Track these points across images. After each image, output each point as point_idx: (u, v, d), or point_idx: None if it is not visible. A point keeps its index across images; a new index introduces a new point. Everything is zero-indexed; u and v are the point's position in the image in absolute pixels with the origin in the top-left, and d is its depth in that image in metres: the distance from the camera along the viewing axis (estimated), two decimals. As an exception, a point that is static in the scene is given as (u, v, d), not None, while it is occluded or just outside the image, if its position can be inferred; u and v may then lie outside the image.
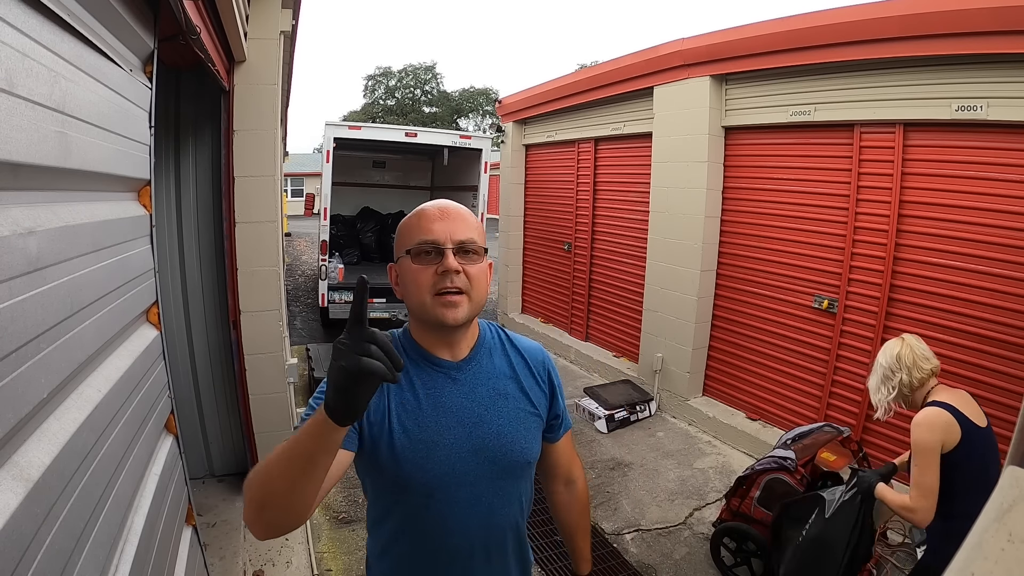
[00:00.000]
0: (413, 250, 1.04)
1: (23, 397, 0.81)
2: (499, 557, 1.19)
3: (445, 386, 1.09)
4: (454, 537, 1.11)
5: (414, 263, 1.04)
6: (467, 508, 1.10)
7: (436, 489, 1.07)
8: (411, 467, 1.05)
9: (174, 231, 3.10)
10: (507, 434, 1.11)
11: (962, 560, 0.36)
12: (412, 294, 1.05)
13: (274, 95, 2.95)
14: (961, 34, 3.06)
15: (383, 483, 1.10)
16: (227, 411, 3.36)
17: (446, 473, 1.07)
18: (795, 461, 2.78)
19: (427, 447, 1.05)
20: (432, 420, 1.07)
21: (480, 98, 39.32)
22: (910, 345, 2.01)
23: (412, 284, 1.04)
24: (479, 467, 1.09)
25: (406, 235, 1.07)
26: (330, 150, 6.84)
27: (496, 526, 1.15)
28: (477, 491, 1.10)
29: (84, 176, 1.14)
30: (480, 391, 1.12)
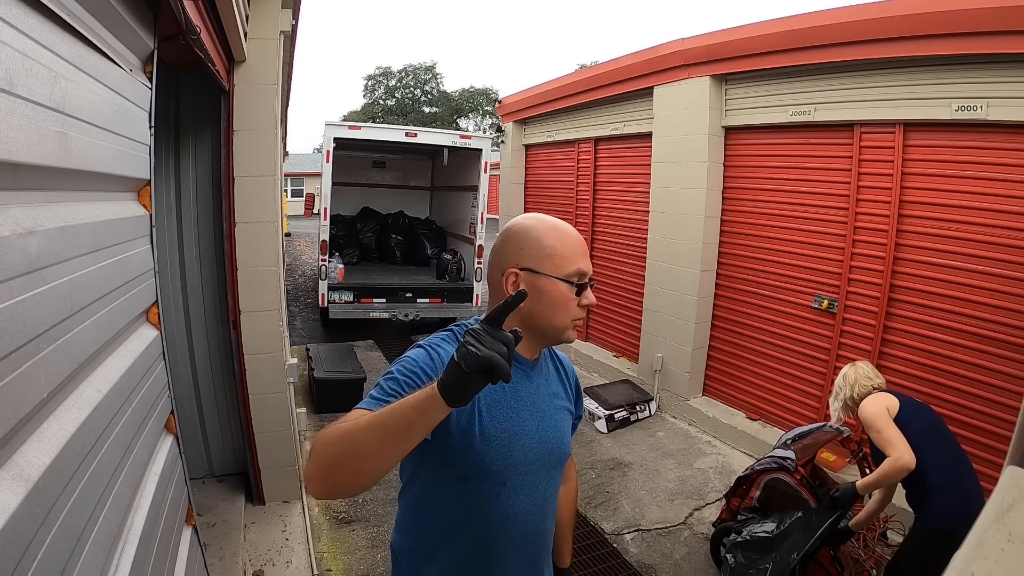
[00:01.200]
0: (571, 277, 1.11)
1: (23, 397, 0.81)
2: (544, 545, 1.27)
3: (523, 381, 1.17)
4: (515, 524, 1.17)
5: (565, 290, 1.11)
6: (529, 496, 1.17)
7: (511, 476, 1.13)
8: (495, 453, 1.10)
9: (174, 231, 3.10)
10: (560, 428, 1.23)
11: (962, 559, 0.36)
12: (553, 315, 1.12)
13: (274, 95, 2.95)
14: (961, 34, 3.06)
15: (456, 469, 1.11)
16: (227, 411, 3.36)
17: (521, 461, 1.14)
18: (795, 461, 2.78)
19: (510, 436, 1.12)
20: (513, 411, 1.14)
21: (480, 98, 39.31)
22: (859, 367, 2.47)
23: (559, 307, 1.12)
24: (542, 457, 1.18)
25: (559, 258, 1.11)
26: (330, 150, 6.84)
27: (547, 513, 1.24)
28: (537, 479, 1.18)
29: (84, 176, 1.14)
30: (543, 389, 1.22)
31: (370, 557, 3.04)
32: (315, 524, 3.28)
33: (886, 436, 2.17)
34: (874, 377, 2.41)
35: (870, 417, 2.25)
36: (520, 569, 1.22)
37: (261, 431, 3.11)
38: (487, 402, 1.11)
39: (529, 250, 1.12)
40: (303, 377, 5.44)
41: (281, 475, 3.24)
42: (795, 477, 2.75)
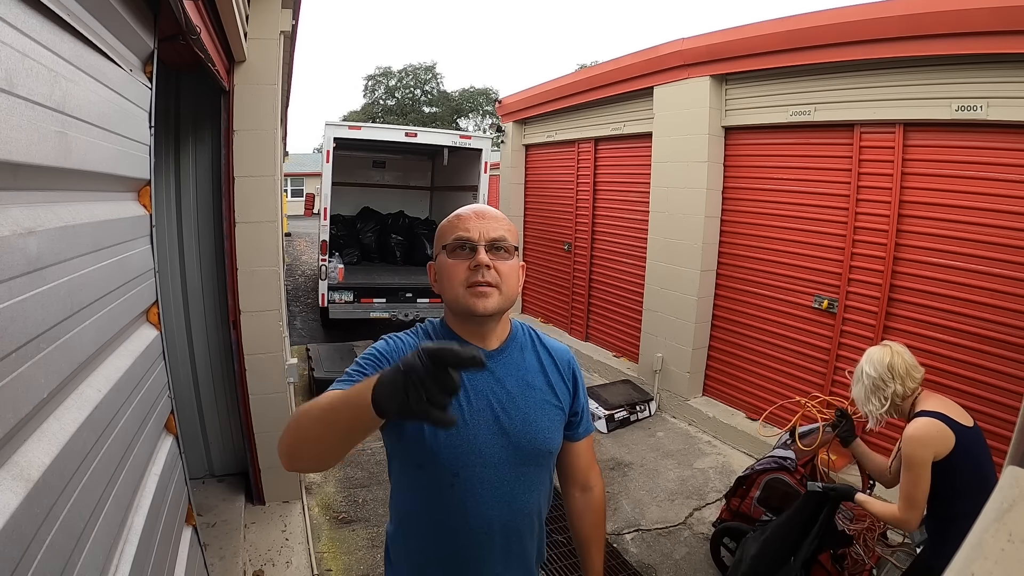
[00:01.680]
0: (448, 246, 1.14)
1: (23, 397, 0.81)
2: (517, 543, 1.23)
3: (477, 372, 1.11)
4: (475, 518, 1.15)
5: (449, 258, 1.14)
6: (489, 490, 1.15)
7: (462, 467, 1.12)
8: (439, 443, 1.11)
9: (174, 231, 3.10)
10: (532, 422, 1.18)
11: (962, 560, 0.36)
12: (447, 287, 1.15)
13: (274, 95, 2.95)
14: (961, 34, 3.06)
15: (411, 457, 1.14)
16: (227, 411, 3.36)
17: (472, 452, 1.13)
18: (795, 461, 2.78)
19: (458, 425, 1.11)
20: (464, 399, 1.13)
21: (480, 98, 39.28)
22: (900, 354, 1.97)
23: (447, 278, 1.14)
24: (503, 451, 1.15)
25: (443, 233, 1.17)
26: (330, 150, 6.84)
27: (516, 512, 1.20)
28: (500, 474, 1.15)
29: (84, 176, 1.14)
30: (509, 380, 1.18)
31: (370, 557, 3.04)
32: (315, 524, 3.28)
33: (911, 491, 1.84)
34: (918, 366, 1.98)
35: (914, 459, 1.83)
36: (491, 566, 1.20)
37: (261, 431, 3.11)
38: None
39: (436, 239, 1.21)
40: (303, 377, 5.44)
41: (281, 475, 3.24)
42: (795, 477, 2.75)
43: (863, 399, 2.01)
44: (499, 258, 1.14)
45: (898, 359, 1.95)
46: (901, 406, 1.96)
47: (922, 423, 1.86)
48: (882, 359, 1.97)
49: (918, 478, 1.82)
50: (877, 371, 1.96)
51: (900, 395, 1.93)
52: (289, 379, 3.22)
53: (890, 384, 1.93)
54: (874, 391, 1.97)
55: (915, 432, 1.85)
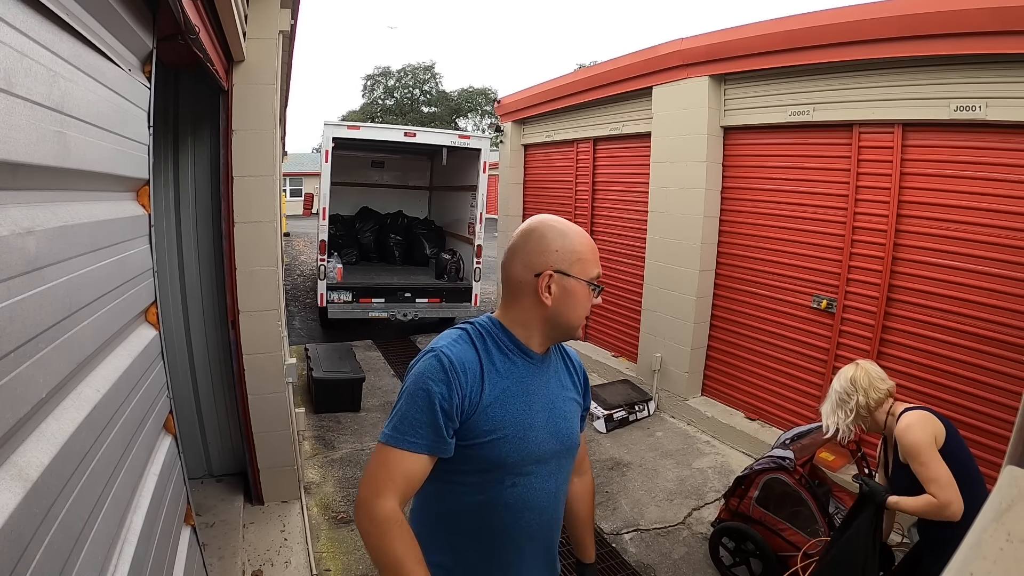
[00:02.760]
0: (593, 282, 1.22)
1: (22, 397, 0.81)
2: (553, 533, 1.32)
3: (534, 375, 1.23)
4: (529, 512, 1.23)
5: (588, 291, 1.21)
6: (543, 484, 1.23)
7: (526, 465, 1.20)
8: (510, 447, 1.17)
9: (173, 231, 3.10)
10: (570, 419, 1.29)
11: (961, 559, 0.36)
12: (572, 312, 1.21)
13: (273, 95, 2.95)
14: (960, 34, 3.06)
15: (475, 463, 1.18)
16: (226, 411, 3.35)
17: (534, 452, 1.20)
18: (794, 461, 2.78)
19: (523, 429, 1.19)
20: (526, 404, 1.20)
21: (479, 98, 39.25)
22: (864, 368, 2.09)
23: (580, 307, 1.21)
24: (554, 447, 1.24)
25: (587, 263, 1.21)
26: (329, 150, 6.84)
27: (559, 502, 1.30)
28: (550, 469, 1.25)
29: (83, 176, 1.14)
30: (553, 381, 1.28)
31: (369, 557, 3.03)
32: (314, 524, 3.28)
33: (934, 474, 1.85)
34: (886, 379, 2.09)
35: (916, 446, 1.88)
36: (535, 556, 1.28)
37: (260, 431, 3.11)
38: (502, 398, 1.17)
39: (564, 253, 1.20)
40: (302, 377, 5.44)
41: (280, 475, 3.24)
42: (794, 477, 2.75)
43: (829, 412, 2.13)
44: None
45: (861, 372, 2.08)
46: (868, 418, 2.06)
47: (912, 413, 1.96)
48: (846, 374, 2.11)
49: (931, 459, 1.86)
50: (842, 385, 2.09)
51: (864, 406, 2.04)
52: (288, 379, 3.21)
53: (853, 396, 2.05)
54: (839, 404, 2.09)
55: (909, 421, 1.93)
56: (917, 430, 1.89)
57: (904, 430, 1.92)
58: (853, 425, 2.08)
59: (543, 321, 1.22)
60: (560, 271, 1.18)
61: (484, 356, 1.18)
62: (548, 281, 1.18)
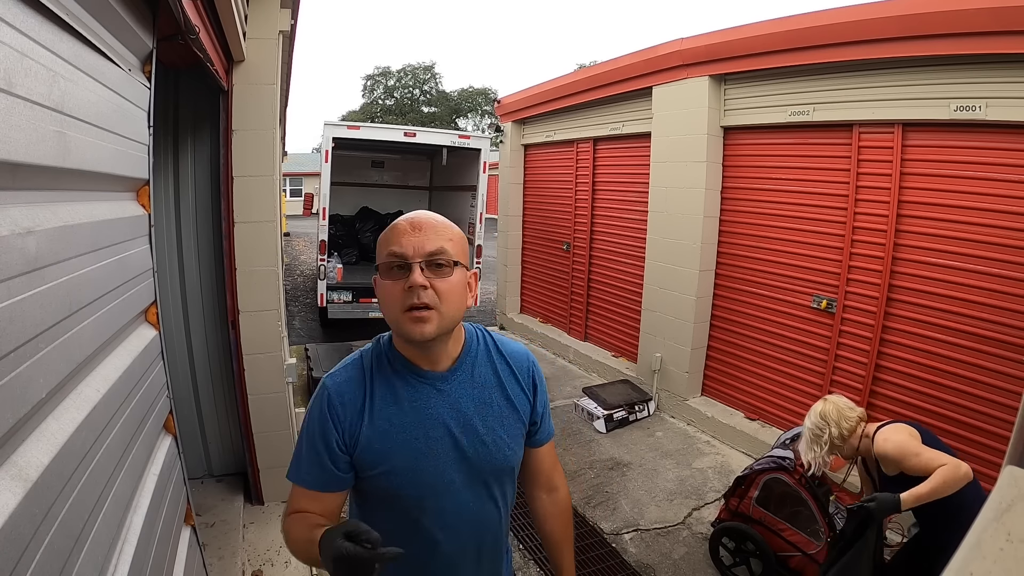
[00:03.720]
0: (382, 266, 1.05)
1: (22, 397, 0.81)
2: (488, 557, 1.24)
3: (431, 397, 1.11)
4: (446, 544, 1.14)
5: (384, 279, 1.05)
6: (456, 515, 1.13)
7: (426, 498, 1.10)
8: (401, 480, 1.08)
9: (173, 231, 3.10)
10: (491, 442, 1.14)
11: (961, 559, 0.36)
12: (386, 311, 1.06)
13: (273, 95, 2.95)
14: (960, 34, 3.06)
15: (374, 496, 1.13)
16: (226, 411, 3.35)
17: (436, 483, 1.10)
18: (793, 461, 2.78)
19: (415, 458, 1.08)
20: (420, 431, 1.09)
21: (479, 98, 39.27)
22: (832, 402, 2.22)
23: (383, 300, 1.06)
24: (466, 474, 1.13)
25: (378, 249, 1.08)
26: (329, 150, 6.84)
27: (485, 530, 1.19)
28: (465, 497, 1.14)
29: (83, 176, 1.14)
30: (464, 401, 1.13)
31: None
32: (314, 524, 3.28)
33: (930, 456, 1.91)
34: (854, 407, 2.20)
35: (901, 446, 1.97)
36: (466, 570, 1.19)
37: (260, 431, 3.11)
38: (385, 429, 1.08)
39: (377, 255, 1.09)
40: (302, 377, 5.43)
41: (280, 475, 3.21)
42: (794, 477, 2.75)
43: (805, 450, 2.28)
44: (438, 275, 1.03)
45: (830, 407, 2.21)
46: (843, 446, 2.18)
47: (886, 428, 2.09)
48: (815, 410, 2.24)
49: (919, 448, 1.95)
50: (813, 422, 2.23)
51: (837, 436, 2.16)
52: (288, 379, 3.21)
53: (825, 430, 2.18)
54: (814, 440, 2.22)
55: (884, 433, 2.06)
56: (893, 433, 2.02)
57: (884, 441, 2.03)
58: (829, 457, 2.20)
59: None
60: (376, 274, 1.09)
61: (369, 383, 1.10)
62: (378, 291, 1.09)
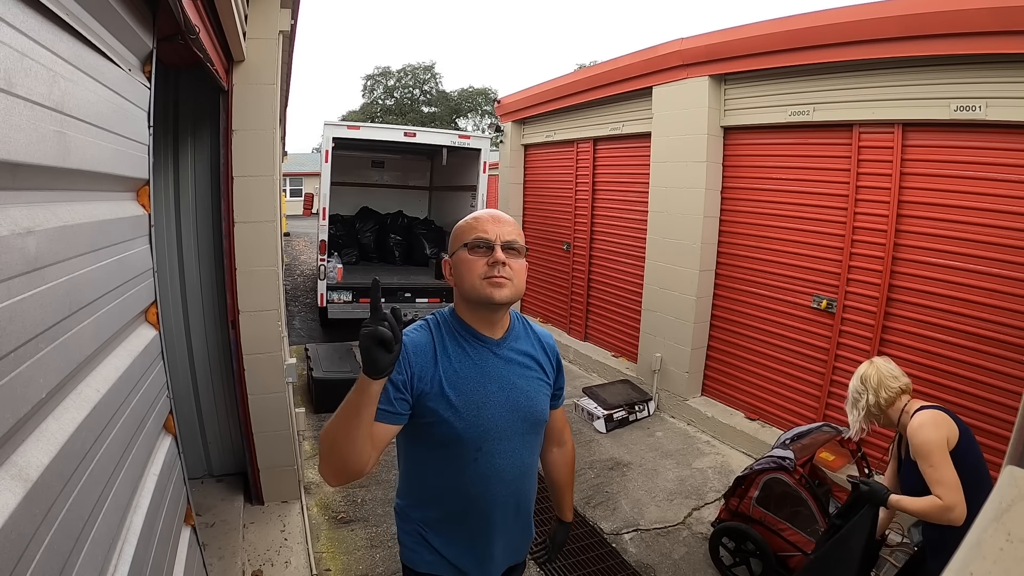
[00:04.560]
0: (469, 244, 1.30)
1: (22, 397, 0.81)
2: (525, 501, 1.46)
3: (489, 357, 1.35)
4: (496, 484, 1.35)
5: (470, 255, 1.30)
6: (507, 458, 1.35)
7: (485, 441, 1.32)
8: (465, 423, 1.29)
9: (173, 231, 3.10)
10: (533, 397, 1.39)
11: (961, 559, 0.36)
12: (465, 278, 1.30)
13: (273, 95, 2.95)
14: (960, 34, 3.06)
15: (436, 438, 1.31)
16: (226, 411, 3.35)
17: (493, 428, 1.32)
18: (794, 461, 2.78)
19: (478, 407, 1.30)
20: (480, 385, 1.32)
21: (479, 98, 39.25)
22: (877, 366, 2.07)
23: (467, 271, 1.29)
24: (515, 423, 1.36)
25: (463, 233, 1.33)
26: (329, 150, 6.83)
27: (526, 473, 1.42)
28: (513, 444, 1.36)
29: (83, 176, 1.14)
30: (514, 364, 1.38)
31: (369, 557, 3.04)
32: (314, 524, 3.28)
33: (941, 476, 1.81)
34: (900, 376, 2.04)
35: (927, 446, 1.85)
36: (504, 524, 1.41)
37: (260, 431, 3.11)
38: (454, 379, 1.30)
39: (451, 241, 1.38)
40: (302, 377, 5.44)
41: (280, 475, 3.24)
42: (794, 477, 2.75)
43: (848, 410, 2.15)
44: (512, 256, 1.30)
45: (872, 370, 2.06)
46: (880, 416, 2.04)
47: (926, 412, 1.92)
48: (859, 372, 2.10)
49: (941, 461, 1.82)
50: (854, 384, 2.10)
51: (874, 404, 2.02)
52: (288, 379, 3.21)
53: (863, 395, 2.05)
54: (852, 403, 2.11)
55: (922, 420, 1.90)
56: (930, 430, 1.86)
57: (916, 429, 1.89)
58: (866, 423, 2.06)
59: (460, 299, 1.36)
60: (451, 255, 1.37)
61: (438, 342, 1.32)
62: (448, 268, 1.38)
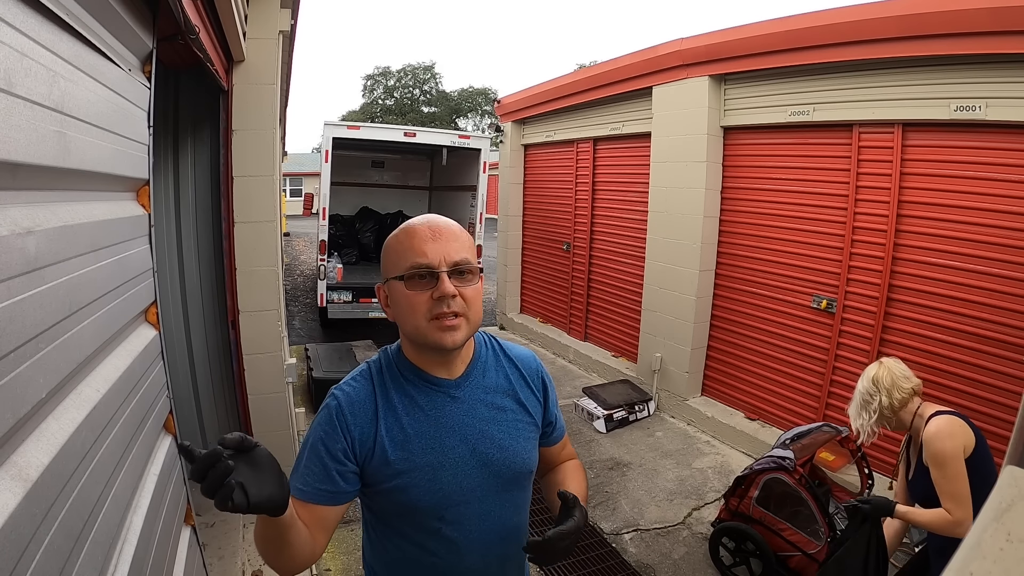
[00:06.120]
0: (406, 275, 1.01)
1: (22, 397, 0.81)
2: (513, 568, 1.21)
3: (445, 405, 1.08)
4: (469, 555, 1.11)
5: (408, 289, 1.01)
6: (479, 523, 1.10)
7: (446, 509, 1.07)
8: (420, 490, 1.04)
9: (173, 231, 3.10)
10: (508, 447, 1.12)
11: (961, 559, 0.36)
12: (407, 319, 1.03)
13: (273, 95, 2.95)
14: (960, 34, 3.06)
15: (391, 510, 1.09)
16: (226, 411, 3.35)
17: (454, 491, 1.07)
18: (794, 461, 2.78)
19: (433, 469, 1.05)
20: (434, 441, 1.06)
21: (479, 98, 39.27)
22: (888, 367, 2.00)
23: (407, 310, 1.02)
24: (486, 481, 1.09)
25: (397, 256, 1.03)
26: (329, 150, 6.84)
27: (507, 537, 1.16)
28: (486, 506, 1.11)
29: (83, 176, 1.14)
30: (479, 407, 1.11)
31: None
32: (314, 524, 3.27)
33: (954, 490, 1.76)
34: (911, 376, 1.99)
35: (943, 456, 1.79)
36: None
37: (260, 431, 3.11)
38: (400, 439, 1.05)
39: (383, 263, 1.07)
40: (302, 377, 5.43)
41: (280, 475, 3.23)
42: (794, 477, 2.75)
43: (855, 415, 2.03)
44: (464, 283, 1.02)
45: (884, 371, 1.98)
46: (894, 419, 1.96)
47: (943, 419, 1.85)
48: (869, 373, 2.01)
49: (956, 473, 1.76)
50: (864, 385, 2.00)
51: (887, 407, 1.94)
52: (288, 379, 3.21)
53: (876, 396, 1.96)
54: (863, 406, 2.00)
55: (939, 427, 1.83)
56: (947, 439, 1.79)
57: (933, 436, 1.82)
58: (877, 426, 1.97)
59: (404, 338, 1.09)
60: (385, 280, 1.06)
61: (380, 393, 1.07)
62: (384, 297, 1.08)
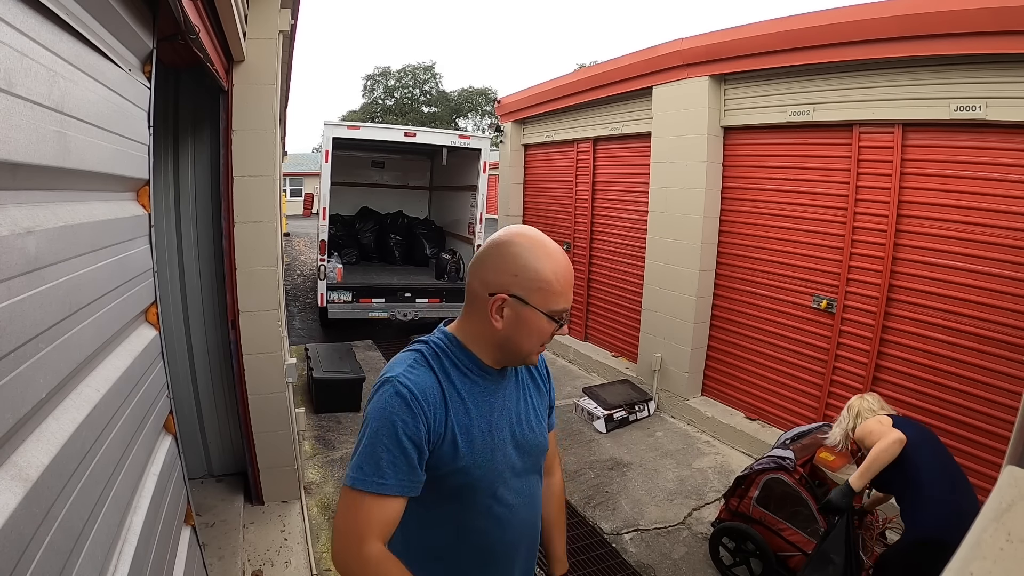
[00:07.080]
0: (555, 314, 1.11)
1: (22, 397, 0.81)
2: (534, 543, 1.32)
3: (493, 392, 1.19)
4: (511, 530, 1.21)
5: (546, 324, 1.11)
6: (518, 496, 1.22)
7: (498, 485, 1.18)
8: (481, 470, 1.14)
9: (173, 231, 3.10)
10: (534, 428, 1.25)
11: (961, 559, 0.36)
12: (523, 340, 1.13)
13: (273, 95, 2.94)
14: (960, 34, 3.06)
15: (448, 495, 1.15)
16: (226, 411, 3.35)
17: (505, 469, 1.18)
18: (794, 461, 2.78)
19: (491, 450, 1.15)
20: (490, 424, 1.17)
21: (479, 98, 39.24)
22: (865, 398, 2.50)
23: (530, 335, 1.12)
24: (523, 459, 1.22)
25: (552, 294, 1.10)
26: (329, 150, 6.83)
27: (537, 508, 1.29)
28: (523, 480, 1.23)
29: (83, 176, 1.14)
30: (515, 392, 1.24)
31: None
32: (314, 524, 3.28)
33: (878, 433, 2.28)
34: (878, 409, 2.44)
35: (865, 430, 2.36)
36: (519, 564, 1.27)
37: (260, 431, 3.11)
38: (466, 423, 1.12)
39: (523, 279, 1.09)
40: (302, 377, 5.44)
41: (280, 475, 3.24)
42: (794, 477, 2.75)
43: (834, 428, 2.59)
44: None
45: (858, 402, 2.49)
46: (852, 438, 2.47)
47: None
48: (850, 403, 2.53)
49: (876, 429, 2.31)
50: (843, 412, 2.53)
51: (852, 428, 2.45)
52: (288, 379, 3.21)
53: (845, 420, 2.49)
54: (838, 424, 2.54)
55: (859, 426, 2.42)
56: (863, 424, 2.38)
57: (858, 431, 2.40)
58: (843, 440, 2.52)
59: (492, 342, 1.15)
60: (516, 297, 1.09)
61: (443, 379, 1.12)
62: (501, 304, 1.10)
